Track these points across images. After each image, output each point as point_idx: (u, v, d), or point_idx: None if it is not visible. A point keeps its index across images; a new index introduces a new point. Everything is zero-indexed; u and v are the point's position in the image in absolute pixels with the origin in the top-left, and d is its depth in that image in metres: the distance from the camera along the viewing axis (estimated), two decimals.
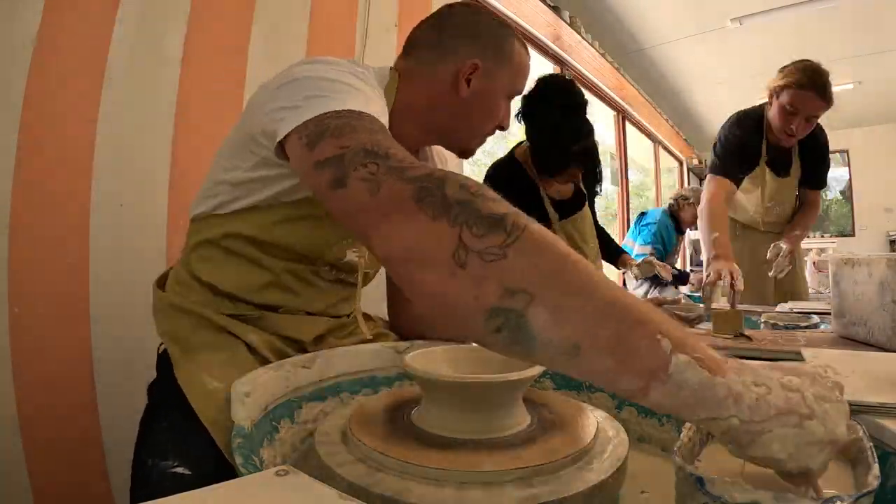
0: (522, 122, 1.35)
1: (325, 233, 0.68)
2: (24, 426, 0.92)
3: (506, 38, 0.76)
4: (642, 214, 3.28)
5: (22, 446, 0.92)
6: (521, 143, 1.46)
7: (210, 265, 0.68)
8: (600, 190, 1.38)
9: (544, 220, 1.35)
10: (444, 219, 0.36)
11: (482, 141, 0.80)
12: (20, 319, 0.93)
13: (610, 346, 0.31)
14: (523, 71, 0.78)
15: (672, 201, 3.30)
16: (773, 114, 1.51)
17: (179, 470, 0.54)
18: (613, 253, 1.73)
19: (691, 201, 3.19)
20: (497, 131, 0.80)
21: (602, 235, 1.74)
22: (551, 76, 1.28)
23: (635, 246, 3.13)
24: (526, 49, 0.79)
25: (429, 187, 0.38)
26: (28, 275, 0.95)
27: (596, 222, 1.69)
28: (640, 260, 1.91)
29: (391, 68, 0.76)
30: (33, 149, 0.96)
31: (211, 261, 0.68)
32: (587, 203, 1.50)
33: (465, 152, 0.80)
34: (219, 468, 0.52)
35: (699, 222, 1.58)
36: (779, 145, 1.62)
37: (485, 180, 1.39)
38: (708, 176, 1.69)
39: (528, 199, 1.34)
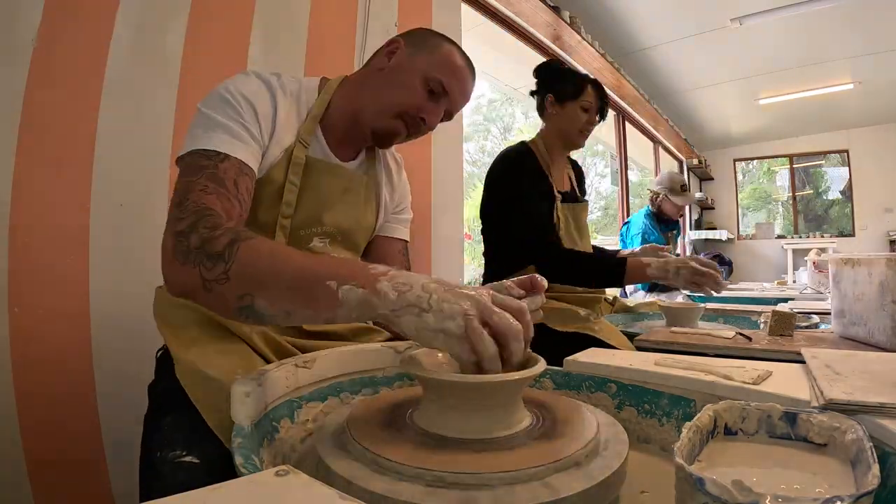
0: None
1: (296, 218, 0.75)
2: (23, 426, 0.92)
3: (435, 38, 0.82)
4: (626, 224, 3.16)
5: (22, 446, 0.92)
6: (534, 138, 1.58)
7: None
8: (606, 113, 1.58)
9: (550, 198, 1.46)
10: (189, 265, 0.52)
11: (392, 125, 0.80)
12: (20, 319, 0.93)
13: (305, 303, 0.48)
14: (447, 64, 0.80)
15: (649, 201, 3.14)
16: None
17: (188, 459, 0.55)
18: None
19: (663, 194, 2.96)
20: (419, 125, 0.81)
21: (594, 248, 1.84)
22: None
23: None
24: (461, 55, 0.83)
25: (181, 240, 0.54)
26: (28, 275, 0.95)
27: None
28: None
29: (344, 77, 0.85)
30: (33, 149, 0.96)
31: None
32: (586, 209, 1.61)
33: (376, 136, 0.81)
34: (225, 455, 0.53)
35: None
36: None
37: (497, 161, 1.53)
38: None
39: (537, 179, 1.46)
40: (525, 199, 1.41)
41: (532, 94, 1.61)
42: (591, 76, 1.56)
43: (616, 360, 0.63)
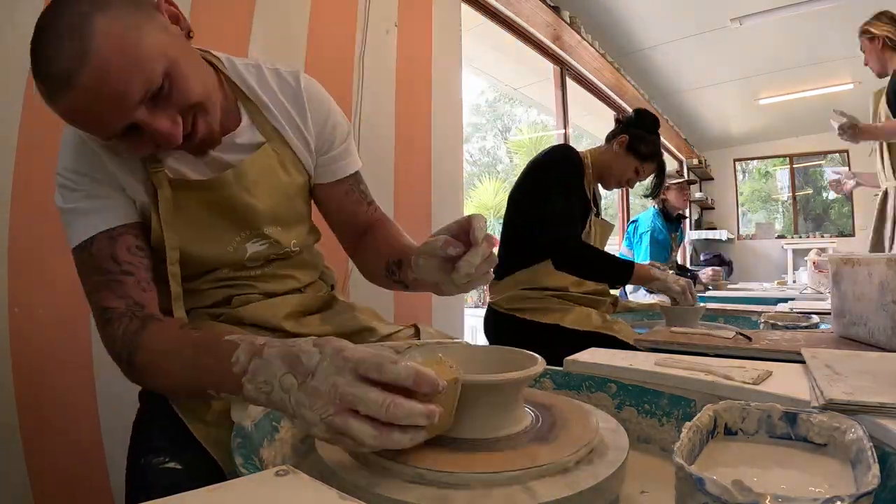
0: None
1: (211, 243, 0.67)
2: (23, 426, 0.92)
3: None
4: (634, 223, 3.17)
5: (22, 446, 0.92)
6: (585, 151, 1.64)
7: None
8: (658, 194, 1.73)
9: (587, 206, 1.53)
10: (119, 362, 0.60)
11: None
12: (20, 319, 0.93)
13: (205, 399, 0.52)
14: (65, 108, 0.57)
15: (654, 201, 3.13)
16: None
17: (171, 465, 0.55)
18: None
19: (667, 185, 2.93)
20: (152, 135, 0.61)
21: None
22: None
23: (632, 256, 3.02)
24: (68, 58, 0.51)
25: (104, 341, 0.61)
26: (28, 275, 0.95)
27: None
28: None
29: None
30: (33, 149, 0.96)
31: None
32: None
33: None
34: (208, 461, 0.53)
35: None
36: None
37: (551, 150, 1.59)
38: None
39: (580, 182, 1.52)
40: (563, 191, 1.46)
41: (618, 121, 1.66)
42: (663, 160, 1.66)
43: (616, 360, 0.63)
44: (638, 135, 1.58)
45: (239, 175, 0.67)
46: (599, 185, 1.68)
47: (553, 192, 1.46)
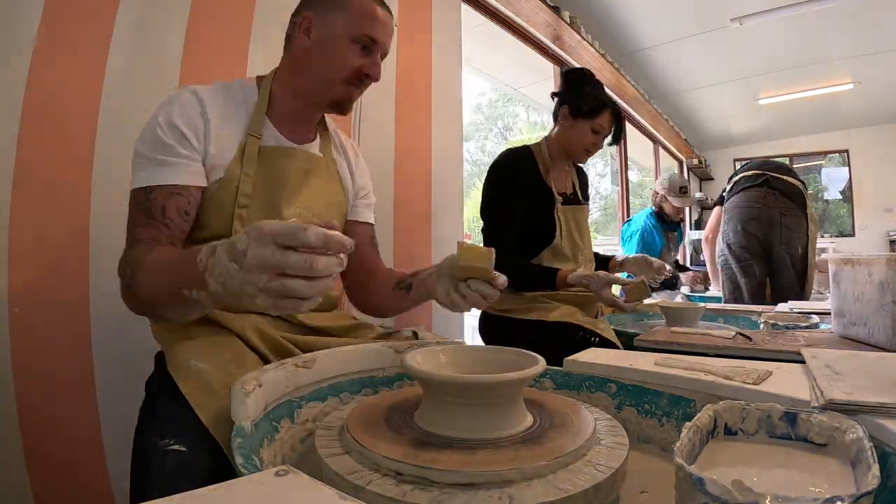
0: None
1: (266, 207, 0.79)
2: (23, 426, 0.92)
3: None
4: (628, 222, 3.21)
5: (22, 446, 0.92)
6: (539, 142, 1.59)
7: None
8: (620, 139, 1.61)
9: (549, 199, 1.48)
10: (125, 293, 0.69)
11: (347, 91, 0.84)
12: (20, 319, 0.93)
13: (186, 310, 0.62)
14: (364, 15, 0.82)
15: (651, 200, 3.16)
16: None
17: (176, 447, 0.55)
18: (602, 262, 1.76)
19: (662, 194, 3.02)
20: (365, 80, 0.84)
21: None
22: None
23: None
24: None
25: (120, 273, 0.69)
26: (28, 275, 0.95)
27: None
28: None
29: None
30: (33, 148, 0.96)
31: None
32: (587, 206, 1.64)
33: (336, 105, 0.86)
34: (213, 444, 0.54)
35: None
36: None
37: (494, 161, 1.54)
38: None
39: (534, 181, 1.48)
40: (502, 202, 1.44)
41: (553, 95, 1.61)
42: (612, 102, 1.56)
43: (616, 360, 0.63)
44: (575, 98, 1.52)
45: (316, 161, 0.87)
46: (574, 171, 1.64)
47: (491, 203, 1.46)
